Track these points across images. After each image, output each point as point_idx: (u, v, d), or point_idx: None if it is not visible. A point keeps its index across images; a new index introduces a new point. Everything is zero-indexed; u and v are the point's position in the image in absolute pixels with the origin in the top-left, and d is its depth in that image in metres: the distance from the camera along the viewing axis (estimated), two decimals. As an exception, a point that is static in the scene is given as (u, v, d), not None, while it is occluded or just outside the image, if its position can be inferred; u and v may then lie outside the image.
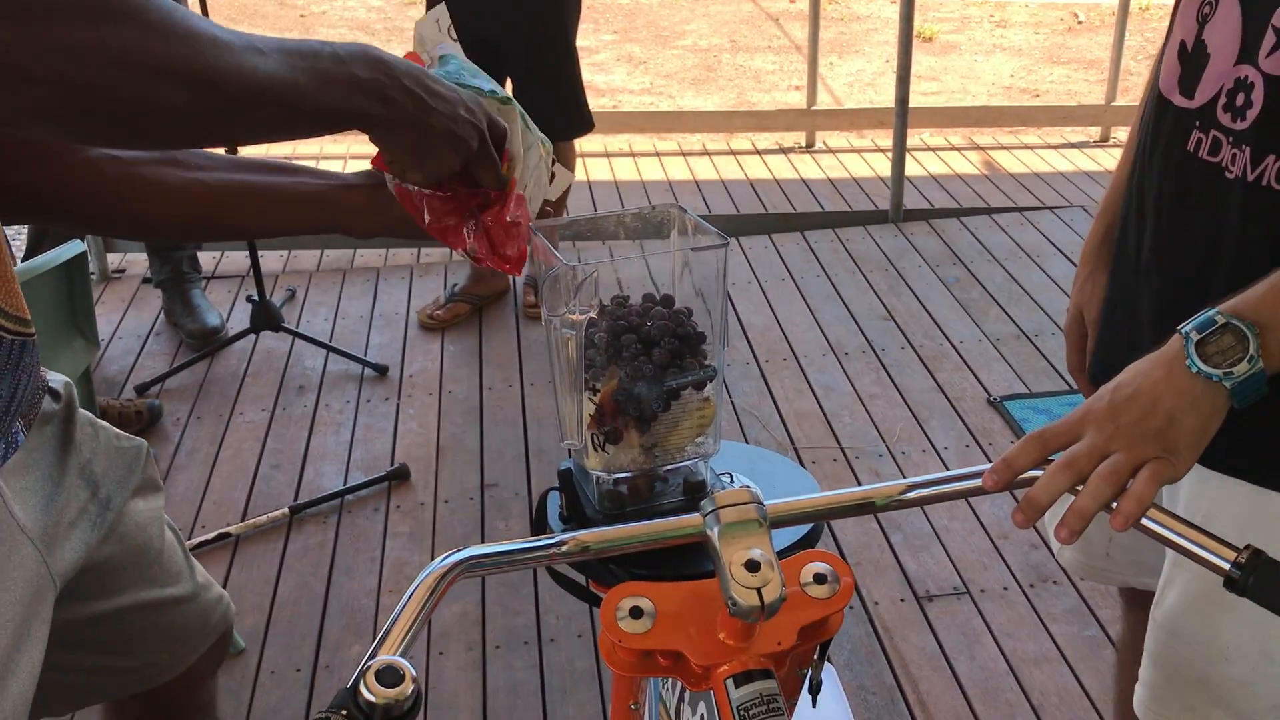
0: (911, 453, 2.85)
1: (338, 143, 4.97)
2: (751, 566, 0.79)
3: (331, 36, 7.70)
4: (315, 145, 4.99)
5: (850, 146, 5.15)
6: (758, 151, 5.07)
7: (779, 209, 4.44)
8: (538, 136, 1.01)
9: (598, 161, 4.93)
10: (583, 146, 4.74)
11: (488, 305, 3.60)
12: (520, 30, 3.19)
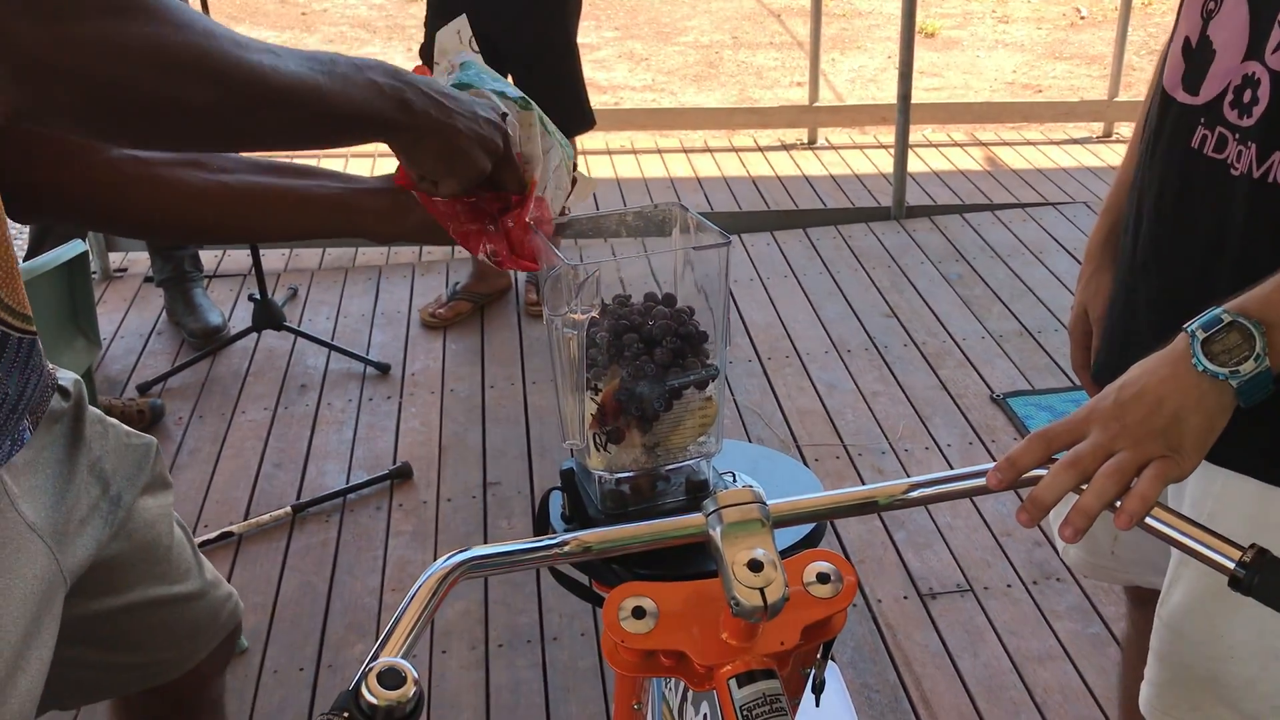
0: (914, 450, 2.85)
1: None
2: (754, 566, 0.79)
3: (333, 35, 7.70)
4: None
5: (852, 143, 5.14)
6: (760, 148, 5.06)
7: (781, 206, 4.44)
8: (558, 140, 1.01)
9: (599, 159, 4.93)
10: (584, 144, 4.74)
11: (490, 303, 3.60)
12: (521, 27, 3.19)
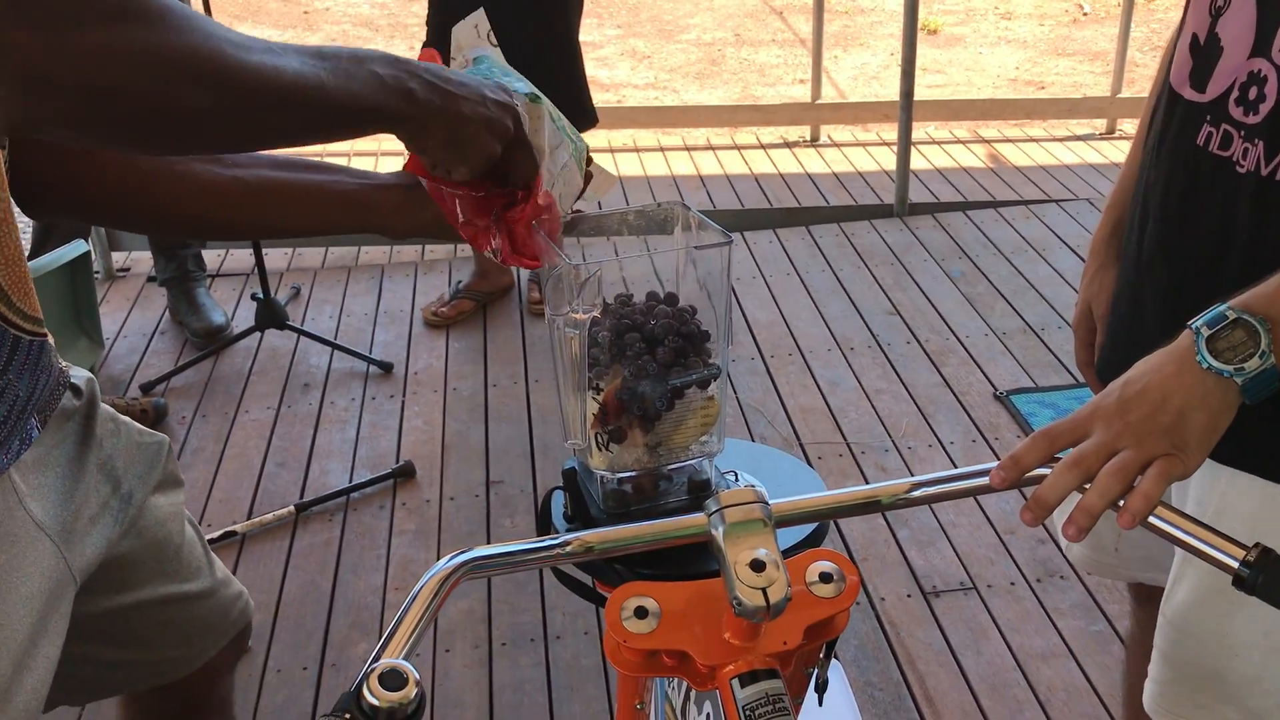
0: (918, 448, 2.84)
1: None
2: (757, 566, 0.79)
3: (335, 33, 7.70)
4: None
5: (855, 140, 5.13)
6: (762, 146, 5.06)
7: (783, 204, 4.43)
8: (570, 137, 1.00)
9: (602, 157, 4.88)
10: (586, 142, 4.74)
11: (492, 302, 3.60)
12: (523, 25, 3.18)
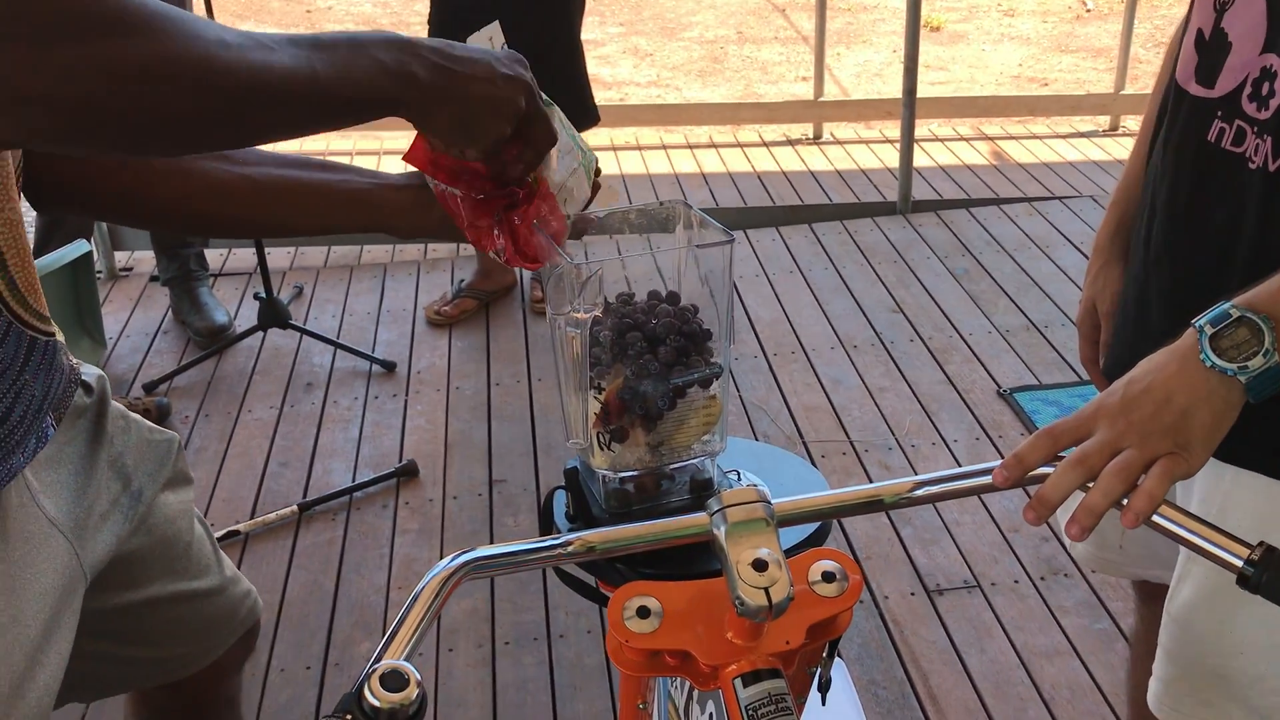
0: (921, 445, 2.84)
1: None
2: (759, 566, 0.79)
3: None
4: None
5: (858, 138, 5.13)
6: (765, 143, 5.05)
7: (786, 201, 4.43)
8: (578, 145, 0.99)
9: (604, 156, 4.89)
10: (589, 140, 4.73)
11: (495, 301, 3.59)
12: (525, 23, 3.17)
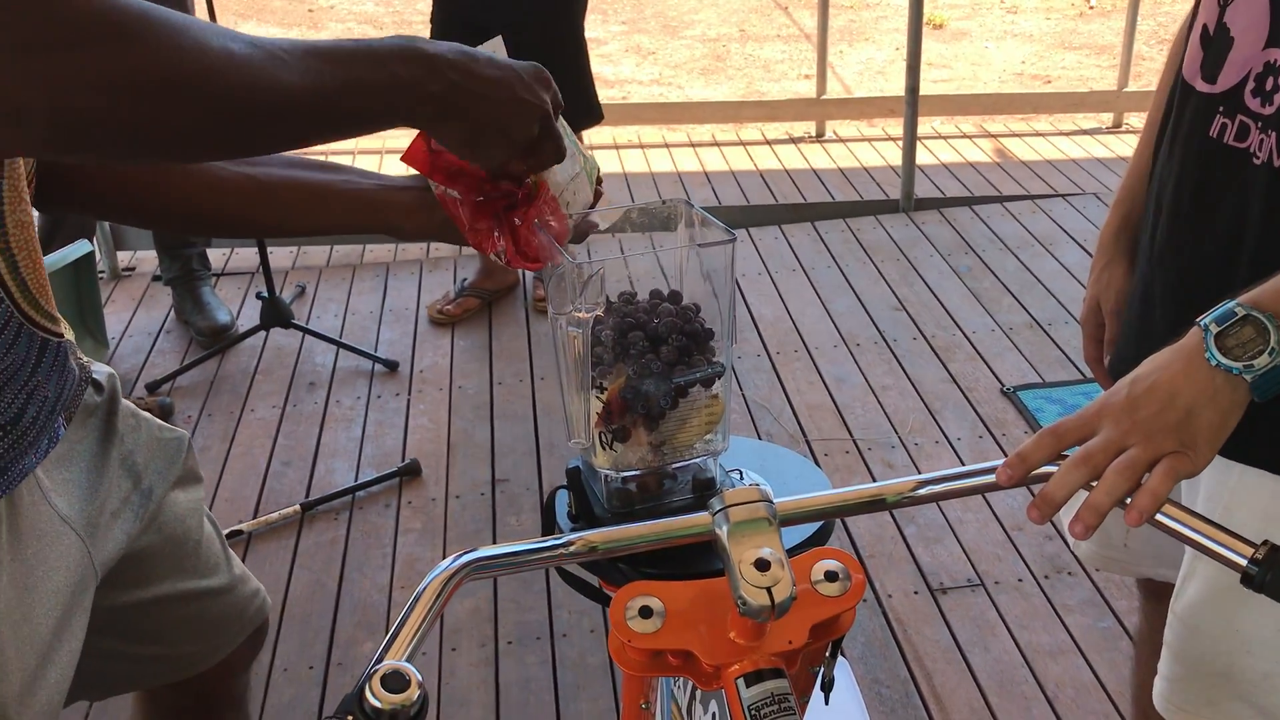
0: (924, 444, 2.83)
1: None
2: (761, 565, 0.78)
3: (340, 32, 7.70)
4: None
5: (860, 135, 5.12)
6: (767, 142, 5.05)
7: (789, 199, 4.42)
8: (580, 151, 1.00)
9: (606, 154, 4.91)
10: (590, 139, 4.72)
11: (497, 300, 3.59)
12: (528, 22, 3.18)
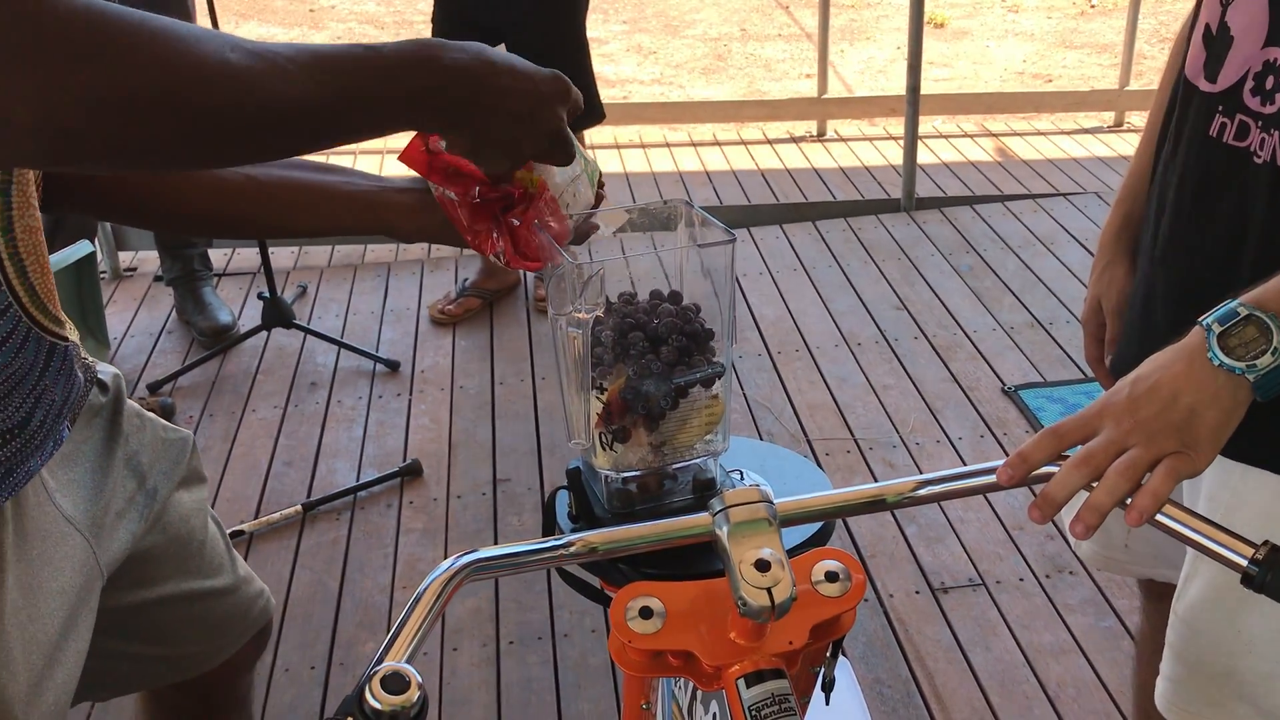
0: (926, 443, 2.83)
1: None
2: (761, 566, 0.78)
3: (341, 31, 7.69)
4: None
5: (862, 135, 5.12)
6: (768, 141, 5.05)
7: (790, 199, 4.42)
8: (581, 154, 0.99)
9: (608, 153, 4.91)
10: (592, 138, 4.72)
11: (499, 300, 3.59)
12: (530, 21, 3.18)
